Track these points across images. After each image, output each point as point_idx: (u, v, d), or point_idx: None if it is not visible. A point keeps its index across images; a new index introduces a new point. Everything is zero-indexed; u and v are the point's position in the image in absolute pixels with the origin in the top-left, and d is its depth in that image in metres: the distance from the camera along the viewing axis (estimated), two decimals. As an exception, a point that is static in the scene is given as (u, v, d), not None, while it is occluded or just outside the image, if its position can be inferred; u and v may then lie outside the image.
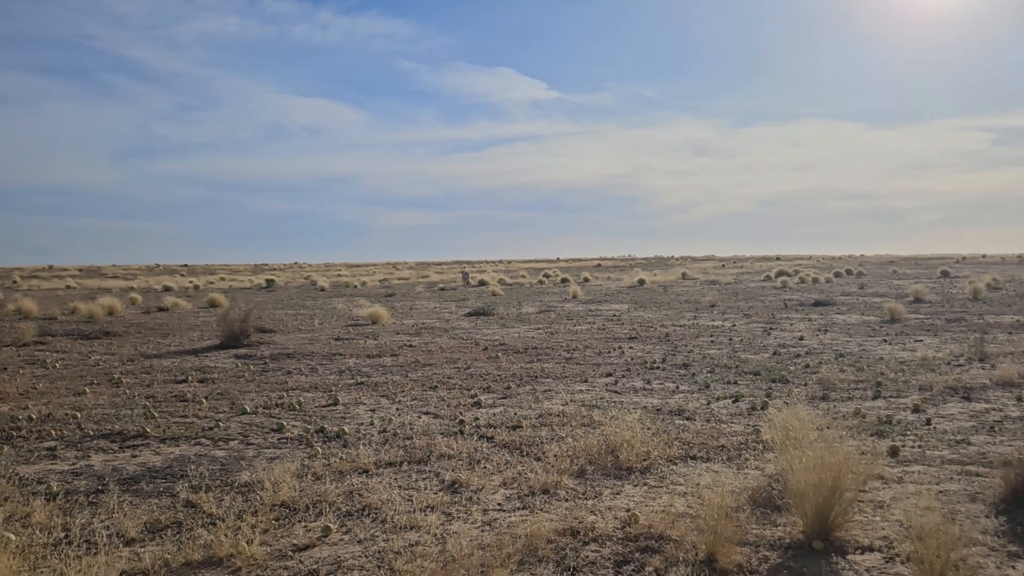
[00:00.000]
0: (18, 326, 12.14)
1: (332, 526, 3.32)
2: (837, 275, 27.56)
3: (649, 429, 4.82)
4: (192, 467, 4.26)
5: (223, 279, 35.89)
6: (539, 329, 11.48)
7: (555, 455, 4.24)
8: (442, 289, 24.91)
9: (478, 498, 3.65)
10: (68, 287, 28.18)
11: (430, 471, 4.07)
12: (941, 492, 3.65)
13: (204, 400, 6.10)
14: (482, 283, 27.60)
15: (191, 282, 30.20)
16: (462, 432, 4.90)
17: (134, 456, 4.52)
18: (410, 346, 9.54)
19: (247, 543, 3.15)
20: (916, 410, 5.36)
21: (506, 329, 11.56)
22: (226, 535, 3.22)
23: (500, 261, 67.39)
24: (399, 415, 5.48)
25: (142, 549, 3.17)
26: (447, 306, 17.36)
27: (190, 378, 7.22)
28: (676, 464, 4.17)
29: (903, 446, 4.47)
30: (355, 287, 27.82)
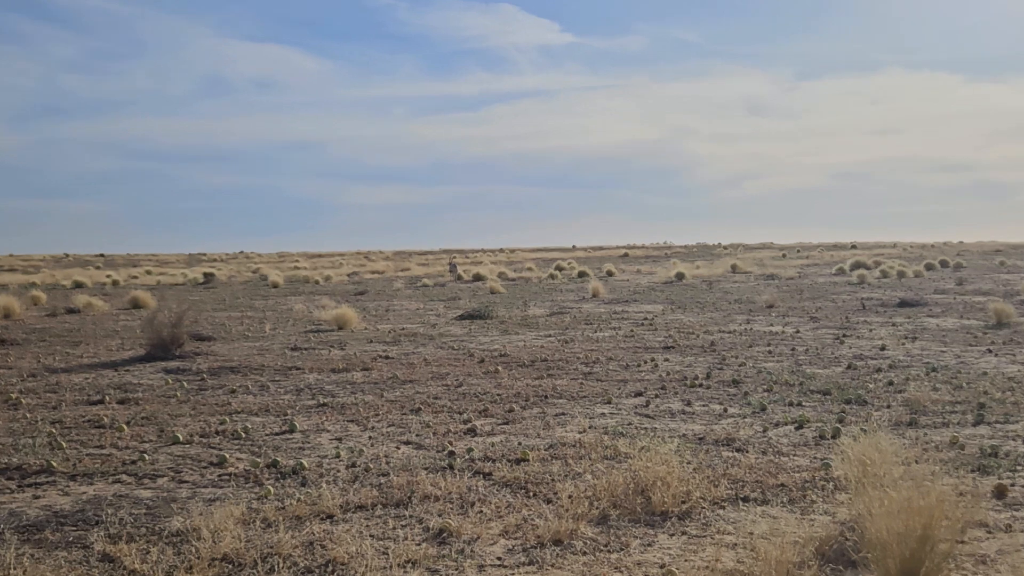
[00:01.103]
0: None
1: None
2: (929, 268, 27.57)
3: (689, 463, 4.84)
4: (110, 511, 4.27)
5: (149, 273, 36.07)
6: (550, 337, 11.51)
7: (570, 496, 4.25)
8: (427, 285, 25.01)
9: (472, 551, 3.64)
10: (-46, 283, 28.34)
11: (411, 516, 4.09)
12: (1061, 543, 3.68)
13: (125, 426, 6.13)
14: (477, 278, 27.71)
15: (109, 276, 30.33)
16: (452, 467, 4.91)
17: (36, 497, 4.54)
18: (386, 358, 9.58)
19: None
20: (1029, 439, 5.37)
21: (508, 337, 11.60)
22: (153, 598, 3.25)
23: (501, 250, 67.60)
24: (372, 445, 5.50)
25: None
26: (433, 307, 17.41)
27: (107, 398, 7.25)
28: (724, 507, 4.17)
29: (1012, 485, 4.49)
30: (316, 283, 27.95)
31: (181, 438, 5.75)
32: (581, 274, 28.14)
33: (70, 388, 7.80)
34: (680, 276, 24.97)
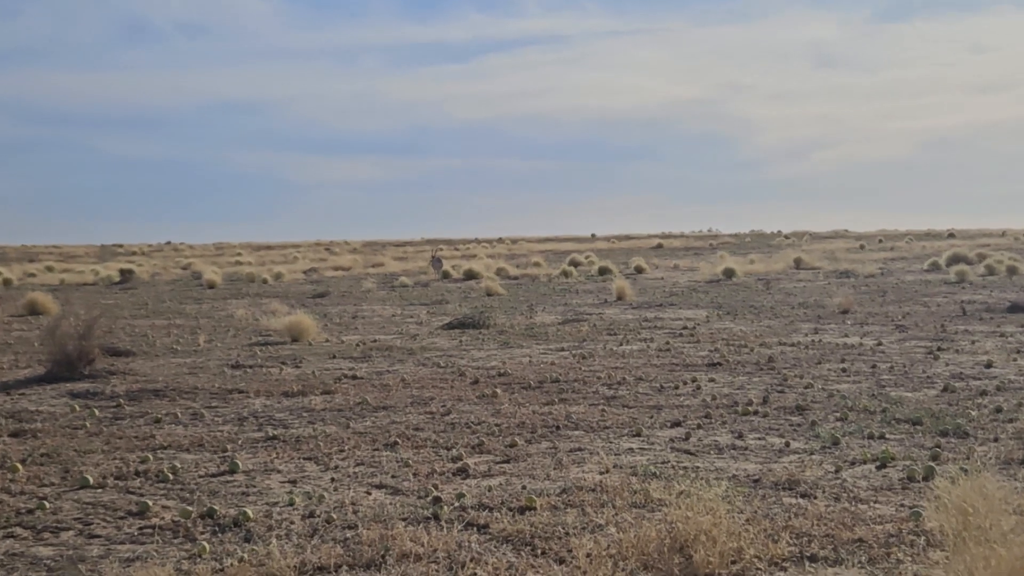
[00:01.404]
0: None
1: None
2: (1048, 262, 27.54)
3: (741, 512, 4.85)
4: (1, 573, 4.28)
5: (51, 270, 36.16)
6: (562, 351, 11.55)
7: (588, 555, 4.25)
8: (405, 286, 25.06)
9: (463, 625, 3.68)
10: None
11: (386, 581, 4.09)
12: None
13: (20, 466, 6.14)
14: (470, 276, 27.78)
15: (-1, 275, 30.38)
16: (438, 517, 4.93)
17: (-93, 556, 4.55)
18: (354, 378, 9.61)
19: None
20: None
21: (509, 351, 11.63)
22: None
23: (500, 240, 67.69)
24: (336, 490, 5.52)
25: None
26: (414, 313, 17.45)
27: (-2, 430, 7.26)
28: (785, 569, 4.18)
29: None
30: (264, 282, 28.05)
31: (91, 481, 5.75)
32: (602, 271, 28.21)
33: (-50, 417, 7.81)
34: (729, 273, 25.01)
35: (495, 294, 21.15)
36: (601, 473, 5.74)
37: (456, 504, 5.15)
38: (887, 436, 6.63)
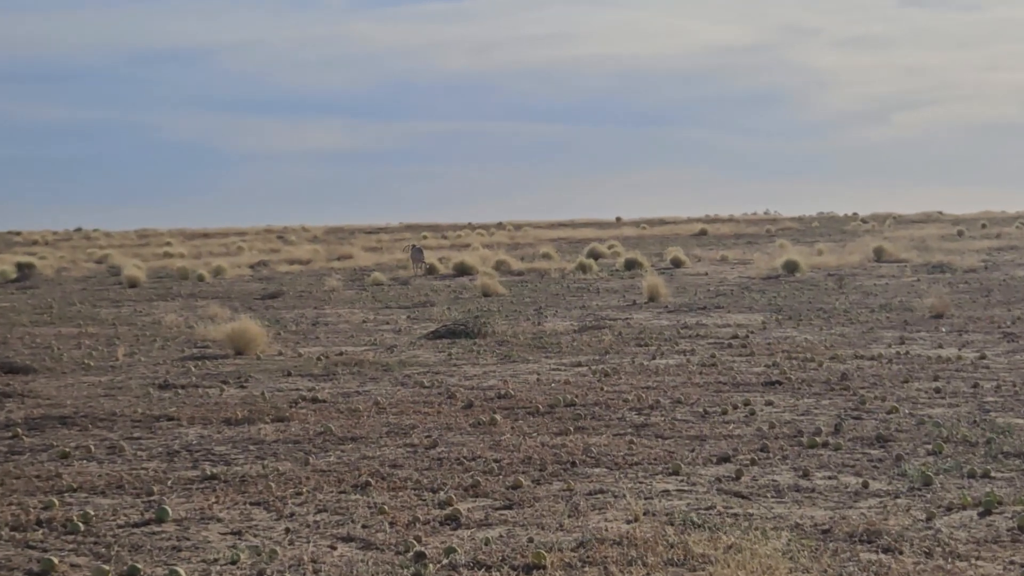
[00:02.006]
0: None
1: None
2: None
3: (807, 572, 4.83)
4: None
5: (-71, 264, 36.10)
6: (580, 365, 11.56)
7: (612, 626, 4.23)
8: (380, 284, 25.04)
9: None
10: None
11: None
12: None
13: None
14: (462, 271, 27.78)
15: None
16: (420, 579, 4.92)
17: None
18: (314, 401, 9.61)
19: None
20: None
21: (511, 366, 11.64)
22: None
23: (500, 225, 67.69)
24: (292, 544, 5.52)
25: None
26: (390, 318, 17.46)
27: None
28: (863, 645, 4.16)
29: None
30: (201, 279, 28.04)
31: (-19, 532, 5.74)
32: (630, 264, 28.18)
33: None
34: (791, 267, 24.99)
35: (494, 294, 21.14)
36: (628, 522, 5.72)
37: (444, 562, 5.13)
38: (992, 475, 6.60)
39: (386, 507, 6.09)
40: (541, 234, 52.76)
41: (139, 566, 5.11)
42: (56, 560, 5.24)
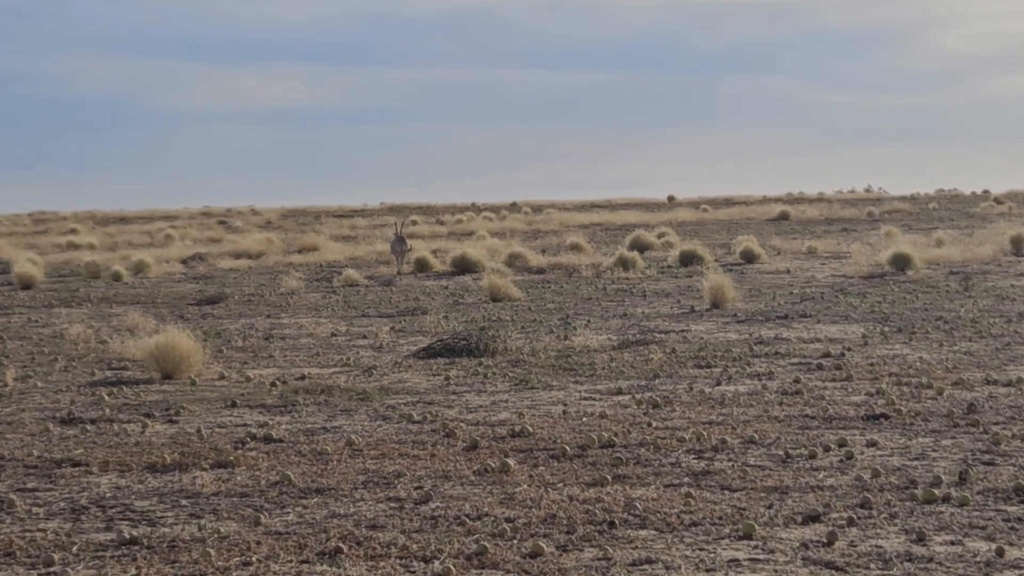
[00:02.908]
0: None
1: None
2: None
3: None
4: None
5: None
6: (620, 393, 11.56)
7: None
8: (355, 284, 24.95)
9: None
10: None
11: None
12: None
13: None
14: (462, 267, 27.76)
15: None
16: None
17: None
18: (268, 440, 9.58)
19: None
20: None
21: (530, 394, 11.65)
22: None
23: (514, 207, 67.58)
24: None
25: None
26: (368, 329, 17.47)
27: None
28: None
29: None
30: (118, 278, 28.03)
31: None
32: (687, 258, 28.15)
33: None
34: (901, 262, 24.92)
35: (505, 298, 21.12)
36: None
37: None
38: None
39: (360, 584, 6.06)
40: (568, 218, 52.69)
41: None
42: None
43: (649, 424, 9.89)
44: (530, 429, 9.72)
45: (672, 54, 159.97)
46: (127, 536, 6.93)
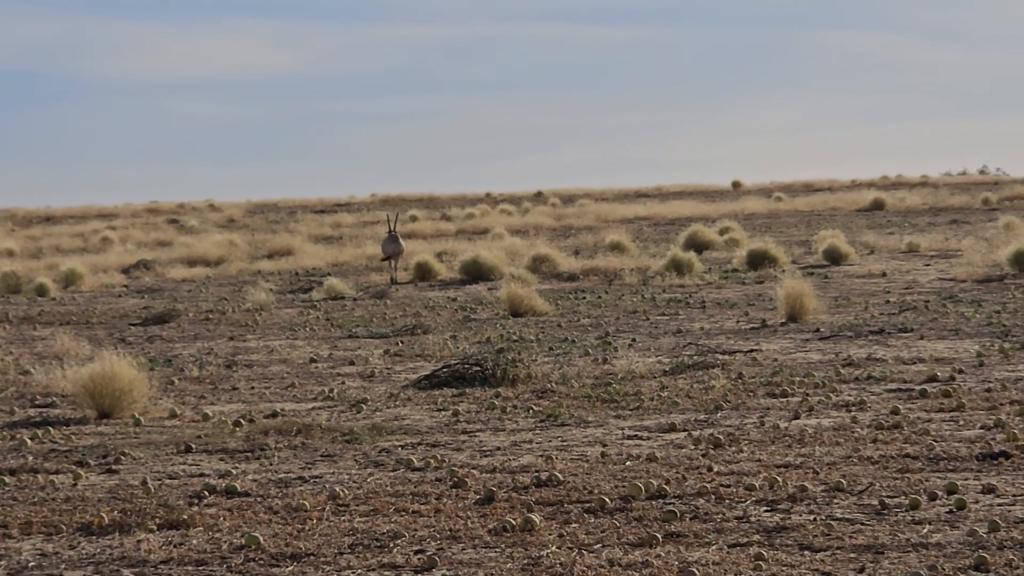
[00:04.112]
0: None
1: None
2: None
3: None
4: None
5: None
6: (673, 430, 11.61)
7: None
8: (338, 298, 24.99)
9: None
10: None
11: None
12: None
13: None
14: (474, 273, 27.75)
15: None
16: None
17: None
18: (230, 493, 9.59)
19: None
20: None
21: (560, 431, 11.76)
22: None
23: (538, 196, 67.56)
24: None
25: None
26: (356, 353, 17.48)
27: None
28: None
29: None
30: (43, 293, 28.05)
31: None
32: (756, 259, 28.11)
33: None
34: (1024, 261, 24.83)
35: (529, 312, 21.15)
36: None
37: None
38: None
39: None
40: (607, 211, 52.63)
41: None
42: None
43: (709, 468, 9.88)
44: (560, 476, 9.69)
45: (739, 3, 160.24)
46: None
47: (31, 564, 8.00)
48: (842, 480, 9.30)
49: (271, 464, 10.67)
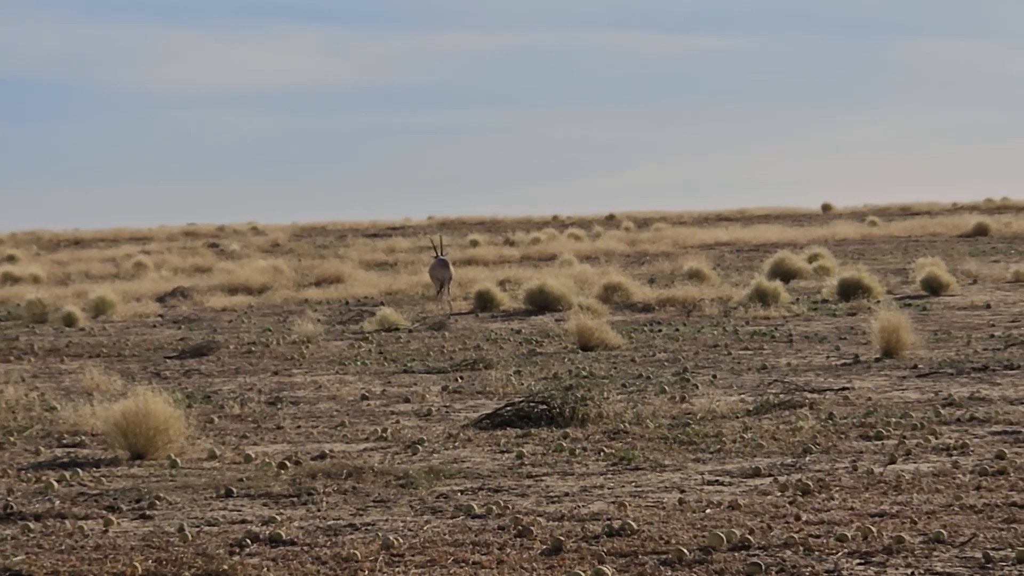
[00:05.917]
0: None
1: None
2: None
3: None
4: None
5: None
6: (757, 474, 11.57)
7: None
8: (392, 329, 24.99)
9: None
10: None
11: None
12: None
13: None
14: (540, 304, 27.74)
15: None
16: None
17: None
18: (274, 542, 9.57)
19: None
20: None
21: (633, 476, 11.73)
22: None
23: (610, 220, 67.43)
24: None
25: None
26: (411, 390, 17.47)
27: None
28: None
29: None
30: (72, 321, 28.17)
31: None
32: (847, 289, 28.05)
33: None
34: None
35: (600, 345, 21.11)
36: None
37: None
38: None
39: None
40: (685, 235, 52.75)
41: None
42: None
43: (797, 517, 9.85)
44: (634, 525, 9.67)
45: (830, 11, 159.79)
46: None
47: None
48: (942, 531, 9.23)
49: (319, 510, 10.66)
